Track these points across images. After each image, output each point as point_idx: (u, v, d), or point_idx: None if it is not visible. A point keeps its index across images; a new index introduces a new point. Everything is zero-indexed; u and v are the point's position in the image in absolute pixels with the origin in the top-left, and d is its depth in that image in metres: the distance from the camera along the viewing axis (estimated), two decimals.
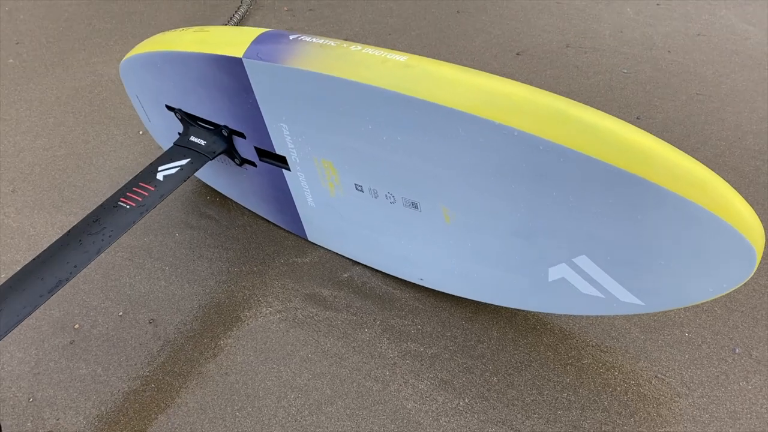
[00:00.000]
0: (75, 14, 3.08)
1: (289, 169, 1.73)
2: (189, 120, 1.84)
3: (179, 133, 1.96)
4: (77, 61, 2.81)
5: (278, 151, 1.70)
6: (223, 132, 1.77)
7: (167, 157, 1.81)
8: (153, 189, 1.71)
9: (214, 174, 2.07)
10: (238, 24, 2.83)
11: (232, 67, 1.54)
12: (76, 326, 1.83)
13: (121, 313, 1.85)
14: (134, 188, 1.72)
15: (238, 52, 1.51)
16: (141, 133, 2.43)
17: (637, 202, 1.18)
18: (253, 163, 1.82)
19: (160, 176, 1.75)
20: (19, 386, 1.69)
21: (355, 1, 3.30)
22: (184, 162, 1.78)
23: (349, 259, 1.92)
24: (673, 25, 2.96)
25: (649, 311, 1.38)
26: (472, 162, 1.31)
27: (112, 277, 1.94)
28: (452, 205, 1.44)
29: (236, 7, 3.00)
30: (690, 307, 1.70)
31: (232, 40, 1.55)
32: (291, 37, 1.48)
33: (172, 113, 1.89)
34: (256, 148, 1.76)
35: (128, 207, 1.66)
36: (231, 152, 1.82)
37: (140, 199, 1.68)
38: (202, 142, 1.81)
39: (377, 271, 1.88)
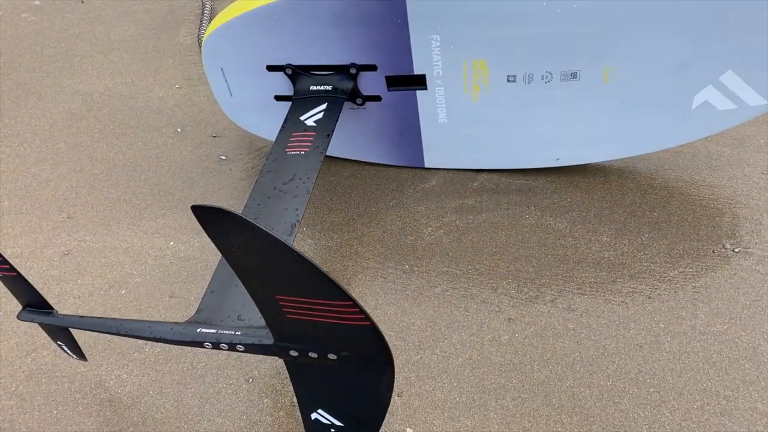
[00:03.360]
0: (10, 48, 2.74)
1: (425, 88, 1.83)
2: (302, 72, 1.84)
3: (276, 97, 1.94)
4: (47, 87, 2.53)
5: (417, 71, 1.79)
6: (351, 71, 1.81)
7: (299, 109, 1.80)
8: (314, 133, 1.70)
9: None
10: (210, 20, 2.76)
11: None
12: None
13: None
14: (291, 140, 1.70)
15: None
16: (179, 130, 2.29)
17: None
18: (377, 98, 1.88)
19: (309, 122, 1.75)
20: None
21: None
22: (323, 106, 1.78)
23: (470, 170, 2.06)
24: None
25: None
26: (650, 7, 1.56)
27: None
28: (616, 60, 1.68)
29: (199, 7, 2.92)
30: (751, 122, 2.12)
31: None
32: None
33: (273, 75, 1.87)
34: (387, 78, 1.82)
35: (302, 153, 1.65)
36: (353, 93, 1.86)
37: (310, 143, 1.67)
38: (328, 87, 1.83)
39: (502, 171, 2.04)
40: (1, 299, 1.79)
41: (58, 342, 1.52)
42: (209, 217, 0.93)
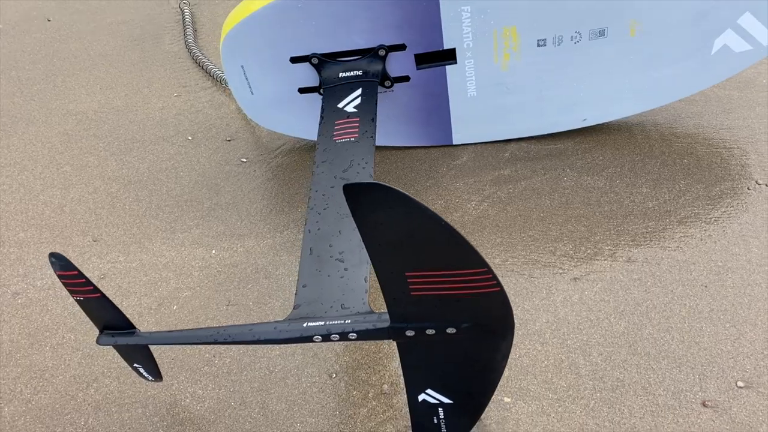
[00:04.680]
0: None
1: (455, 62, 1.83)
2: (329, 60, 1.80)
3: (300, 89, 1.90)
4: (34, 111, 2.39)
5: (447, 45, 1.79)
6: (380, 53, 1.79)
7: (334, 97, 1.77)
8: (358, 119, 1.68)
9: None
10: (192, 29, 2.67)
11: None
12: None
13: None
14: (336, 127, 1.67)
15: None
16: (190, 138, 2.21)
17: None
18: (406, 78, 1.86)
19: (350, 108, 1.72)
20: None
21: None
22: (358, 92, 1.76)
23: (498, 142, 2.07)
24: None
25: None
26: None
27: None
28: (641, 13, 1.72)
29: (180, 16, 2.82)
30: (753, 65, 2.21)
31: None
32: None
33: (296, 67, 1.83)
34: (417, 56, 1.81)
35: (352, 139, 1.62)
36: (383, 76, 1.84)
37: (357, 129, 1.64)
38: (358, 72, 1.80)
39: (530, 138, 2.06)
40: (44, 333, 1.69)
41: (135, 365, 1.45)
42: (361, 194, 0.91)
